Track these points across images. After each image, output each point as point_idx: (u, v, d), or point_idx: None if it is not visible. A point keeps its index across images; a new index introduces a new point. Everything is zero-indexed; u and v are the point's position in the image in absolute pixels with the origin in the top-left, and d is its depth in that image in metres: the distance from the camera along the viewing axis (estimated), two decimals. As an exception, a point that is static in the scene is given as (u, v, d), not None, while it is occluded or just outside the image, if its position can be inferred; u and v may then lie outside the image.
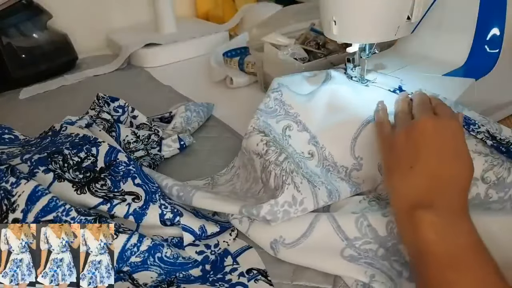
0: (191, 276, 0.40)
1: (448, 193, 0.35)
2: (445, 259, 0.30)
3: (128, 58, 0.95)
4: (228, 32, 1.06)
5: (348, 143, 0.47)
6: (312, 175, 0.45)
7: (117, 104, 0.63)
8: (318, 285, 0.38)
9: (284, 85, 0.52)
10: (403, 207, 0.35)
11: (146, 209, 0.43)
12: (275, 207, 0.40)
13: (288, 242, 0.40)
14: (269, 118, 0.49)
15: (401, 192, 0.36)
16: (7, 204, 0.40)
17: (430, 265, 0.31)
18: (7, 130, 0.59)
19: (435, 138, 0.37)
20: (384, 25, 0.48)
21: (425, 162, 0.36)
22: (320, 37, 0.76)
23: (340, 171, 0.47)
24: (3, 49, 0.81)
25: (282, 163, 0.43)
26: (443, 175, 0.35)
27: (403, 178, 0.37)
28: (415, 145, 0.37)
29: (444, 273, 0.30)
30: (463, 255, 0.30)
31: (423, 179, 0.35)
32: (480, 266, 0.30)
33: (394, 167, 0.39)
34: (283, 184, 0.41)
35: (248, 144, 0.48)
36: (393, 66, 0.58)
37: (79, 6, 1.04)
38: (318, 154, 0.48)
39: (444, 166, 0.36)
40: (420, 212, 0.33)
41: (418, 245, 0.32)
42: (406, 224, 0.35)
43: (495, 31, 0.54)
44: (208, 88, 0.82)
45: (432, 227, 0.32)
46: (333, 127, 0.48)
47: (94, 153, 0.47)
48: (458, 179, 0.35)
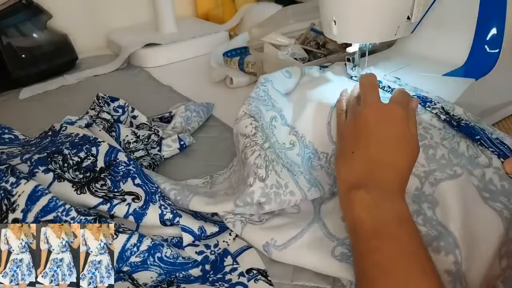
0: (191, 276, 0.40)
1: (383, 175, 0.37)
2: (371, 229, 0.34)
3: (128, 58, 0.95)
4: (228, 32, 1.06)
5: (324, 128, 0.49)
6: (292, 165, 0.47)
7: (117, 104, 0.63)
8: (317, 285, 0.38)
9: (269, 81, 0.54)
10: (343, 188, 0.38)
11: (146, 209, 0.43)
12: (266, 189, 0.41)
13: (279, 244, 0.40)
14: (261, 105, 0.51)
15: (342, 176, 0.40)
16: (7, 204, 0.40)
17: (360, 235, 0.34)
18: (7, 130, 0.59)
19: (376, 125, 0.40)
20: (384, 25, 0.48)
21: (364, 148, 0.39)
22: (320, 37, 0.76)
23: (320, 158, 0.49)
24: (3, 49, 0.81)
25: (266, 150, 0.45)
26: (380, 160, 0.38)
27: (345, 162, 0.40)
28: (358, 133, 0.40)
29: (370, 241, 0.33)
30: (387, 227, 0.34)
31: (361, 164, 0.39)
32: (402, 236, 0.33)
33: (340, 153, 0.42)
34: (266, 168, 0.42)
35: (238, 127, 0.49)
36: (393, 66, 0.58)
37: (79, 6, 1.04)
38: (299, 143, 0.50)
39: (382, 152, 0.38)
40: (353, 192, 0.36)
41: (351, 219, 0.36)
42: (344, 203, 0.38)
43: (495, 31, 0.54)
44: (208, 88, 0.82)
45: (362, 203, 0.35)
46: (309, 115, 0.50)
47: (94, 153, 0.47)
48: (395, 164, 0.38)
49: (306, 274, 0.39)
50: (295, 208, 0.45)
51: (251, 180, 0.42)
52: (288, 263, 0.40)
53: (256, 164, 0.43)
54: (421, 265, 0.31)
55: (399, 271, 0.31)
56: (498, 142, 0.43)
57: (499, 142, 0.43)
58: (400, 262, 0.31)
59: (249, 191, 0.41)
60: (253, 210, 0.43)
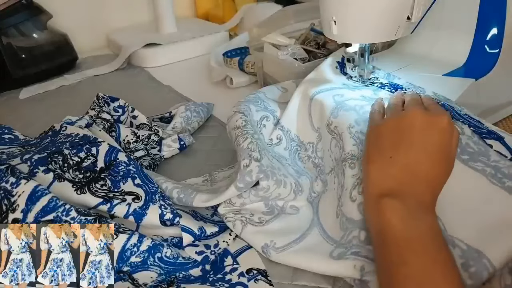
0: (191, 276, 0.40)
1: (420, 189, 0.36)
2: (403, 240, 0.32)
3: (128, 58, 0.95)
4: (228, 32, 1.06)
5: (307, 119, 0.51)
6: (280, 158, 0.49)
7: (117, 104, 0.63)
8: (318, 285, 0.38)
9: (261, 92, 0.56)
10: (374, 193, 0.36)
11: (146, 209, 0.43)
12: (262, 167, 0.42)
13: (279, 246, 0.40)
14: (251, 104, 0.52)
15: (375, 180, 0.37)
16: (7, 204, 0.40)
17: (390, 243, 0.33)
18: (7, 130, 0.59)
19: (421, 132, 0.37)
20: (384, 25, 0.48)
21: (404, 155, 0.36)
22: (320, 37, 0.76)
23: (307, 148, 0.51)
24: (3, 49, 0.81)
25: (257, 140, 0.46)
26: (419, 171, 0.36)
27: (381, 167, 0.37)
28: (400, 136, 0.37)
29: (403, 252, 0.32)
30: (421, 240, 0.32)
31: (398, 171, 0.36)
32: (435, 250, 0.32)
33: (375, 154, 0.39)
34: (260, 152, 0.44)
35: (229, 124, 0.51)
36: (393, 66, 0.58)
37: (79, 6, 1.04)
38: (285, 137, 0.51)
39: (422, 162, 0.36)
40: (386, 199, 0.34)
41: (380, 227, 0.34)
42: (372, 209, 0.36)
43: (495, 31, 0.54)
44: (208, 88, 0.82)
45: (395, 212, 0.34)
46: (293, 109, 0.52)
47: (94, 153, 0.47)
48: (433, 178, 0.36)
49: (306, 274, 0.39)
50: (294, 209, 0.45)
51: (247, 161, 0.43)
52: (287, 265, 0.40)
53: (249, 148, 0.44)
54: (450, 277, 0.31)
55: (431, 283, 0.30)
56: (467, 117, 0.43)
57: (468, 116, 0.43)
58: (433, 275, 0.31)
59: (247, 170, 0.42)
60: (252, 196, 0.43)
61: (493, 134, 0.40)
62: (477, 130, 0.41)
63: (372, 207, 0.36)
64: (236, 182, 0.42)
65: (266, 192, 0.43)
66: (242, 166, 0.43)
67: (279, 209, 0.45)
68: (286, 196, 0.45)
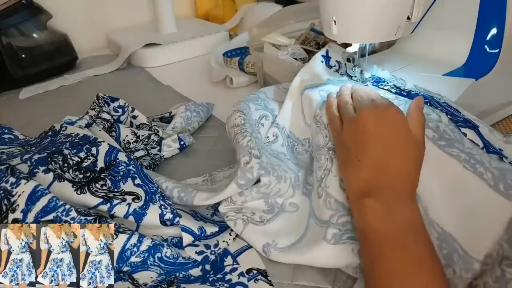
0: (191, 276, 0.40)
1: (396, 182, 0.37)
2: (382, 237, 0.34)
3: (128, 58, 0.95)
4: (228, 32, 1.06)
5: (300, 117, 0.52)
6: (278, 154, 0.49)
7: (117, 104, 0.63)
8: (318, 285, 0.38)
9: (262, 92, 0.57)
10: (354, 196, 0.38)
11: (146, 209, 0.43)
12: (262, 164, 0.43)
13: (281, 247, 0.41)
14: (251, 102, 0.53)
15: (352, 184, 0.39)
16: (7, 204, 0.40)
17: (371, 242, 0.35)
18: (7, 130, 0.59)
19: (376, 131, 0.38)
20: (384, 25, 0.48)
21: (369, 155, 0.38)
22: (320, 37, 0.76)
23: (304, 144, 0.52)
24: (3, 49, 0.81)
25: (255, 138, 0.47)
26: (389, 167, 0.37)
27: (353, 170, 0.39)
28: (359, 139, 0.39)
29: (381, 249, 0.33)
30: (398, 234, 0.34)
31: (369, 171, 0.38)
32: (413, 243, 0.33)
33: (345, 160, 0.41)
34: (259, 150, 0.45)
35: (229, 123, 0.51)
36: (393, 66, 0.58)
37: (79, 6, 1.04)
38: (281, 134, 0.52)
39: (387, 156, 0.38)
40: (364, 200, 0.36)
41: (362, 225, 0.36)
42: (355, 209, 0.38)
43: (495, 31, 0.54)
44: (208, 88, 0.82)
45: (373, 212, 0.35)
46: (287, 108, 0.53)
47: (94, 153, 0.47)
48: (405, 169, 0.37)
49: (306, 274, 0.39)
50: (293, 206, 0.45)
51: (247, 158, 0.43)
52: (287, 263, 0.40)
53: (249, 146, 0.45)
54: (431, 269, 0.32)
55: (410, 277, 0.32)
56: (445, 105, 0.44)
57: (447, 105, 0.44)
58: (411, 269, 0.32)
59: (248, 167, 0.43)
60: (254, 193, 0.44)
61: (468, 123, 0.42)
62: (453, 118, 0.42)
63: (355, 209, 0.38)
64: (237, 179, 0.43)
65: (267, 188, 0.44)
66: (242, 163, 0.43)
67: (279, 207, 0.45)
68: (285, 192, 0.45)
